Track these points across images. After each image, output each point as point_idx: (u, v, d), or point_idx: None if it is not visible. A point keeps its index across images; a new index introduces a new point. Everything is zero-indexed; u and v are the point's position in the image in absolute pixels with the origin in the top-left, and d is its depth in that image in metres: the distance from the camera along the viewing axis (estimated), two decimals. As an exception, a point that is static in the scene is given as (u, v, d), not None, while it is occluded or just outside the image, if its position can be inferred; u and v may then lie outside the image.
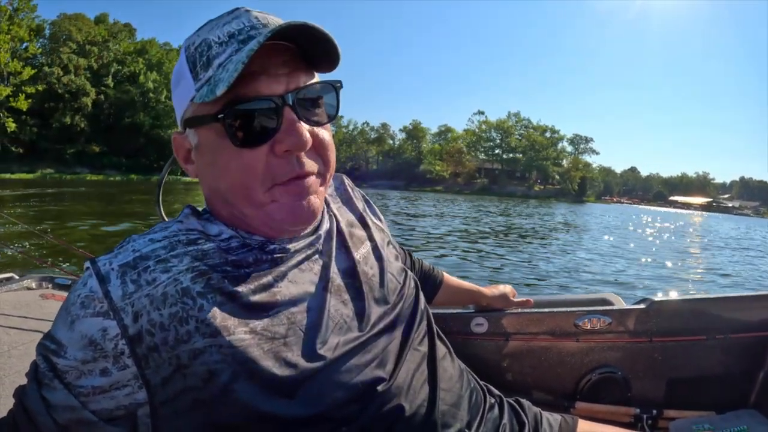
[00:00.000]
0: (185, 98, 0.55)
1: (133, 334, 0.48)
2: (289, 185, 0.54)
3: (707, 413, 1.17)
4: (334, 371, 0.54)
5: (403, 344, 0.63)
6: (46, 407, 0.49)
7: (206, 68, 0.53)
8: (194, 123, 0.55)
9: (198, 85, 0.53)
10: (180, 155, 0.60)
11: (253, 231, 0.58)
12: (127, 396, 0.49)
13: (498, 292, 1.17)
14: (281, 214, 0.55)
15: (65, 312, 0.50)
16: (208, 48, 0.53)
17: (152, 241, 0.54)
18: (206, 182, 0.58)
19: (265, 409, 0.49)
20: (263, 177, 0.53)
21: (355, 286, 0.64)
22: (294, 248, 0.60)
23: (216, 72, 0.51)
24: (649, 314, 1.19)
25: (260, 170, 0.53)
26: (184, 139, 0.58)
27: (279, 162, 0.53)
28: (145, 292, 0.49)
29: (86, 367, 0.48)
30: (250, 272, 0.55)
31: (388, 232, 0.82)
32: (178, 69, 0.57)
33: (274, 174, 0.53)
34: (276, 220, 0.56)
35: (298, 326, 0.55)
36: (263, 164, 0.53)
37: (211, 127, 0.53)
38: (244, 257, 0.56)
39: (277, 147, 0.53)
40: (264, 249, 0.58)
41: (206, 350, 0.49)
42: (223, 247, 0.56)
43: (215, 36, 0.53)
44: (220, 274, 0.53)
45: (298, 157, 0.54)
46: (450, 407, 0.64)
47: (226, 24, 0.54)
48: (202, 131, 0.55)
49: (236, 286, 0.53)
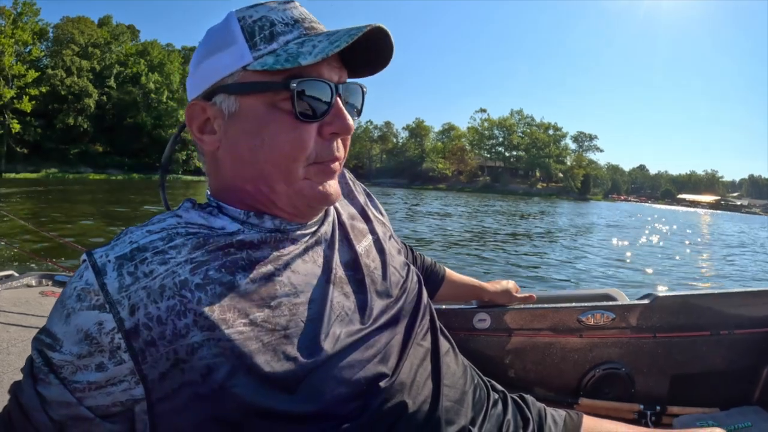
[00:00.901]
0: (233, 64, 0.55)
1: (130, 327, 0.47)
2: (324, 167, 0.57)
3: (711, 410, 1.16)
4: (336, 366, 0.53)
5: (406, 339, 0.63)
6: (42, 403, 0.48)
7: (269, 41, 0.54)
8: (243, 89, 0.54)
9: (257, 54, 0.54)
10: (195, 125, 0.59)
11: (268, 211, 0.58)
12: (123, 392, 0.48)
13: (501, 288, 1.17)
14: (311, 191, 0.57)
15: (61, 305, 0.49)
16: (271, 24, 0.55)
17: (150, 233, 0.53)
18: (236, 153, 0.57)
19: (265, 405, 0.48)
20: (309, 153, 0.55)
21: (357, 279, 0.63)
22: (298, 237, 0.60)
23: (285, 47, 0.54)
24: (653, 309, 1.17)
25: (309, 146, 0.55)
26: (208, 106, 0.57)
27: (323, 143, 0.56)
28: (142, 284, 0.48)
29: (82, 362, 0.47)
30: (252, 258, 0.54)
31: (390, 226, 0.83)
32: (220, 35, 0.57)
33: (318, 153, 0.56)
34: (305, 197, 0.57)
35: (299, 317, 0.54)
36: (313, 141, 0.55)
37: (264, 96, 0.54)
38: (247, 238, 0.56)
39: (326, 129, 0.56)
40: (269, 235, 0.58)
41: (204, 344, 0.48)
42: (224, 236, 0.55)
43: (278, 17, 0.55)
44: (219, 263, 0.52)
45: (340, 141, 0.58)
46: (453, 404, 0.63)
47: (287, 10, 0.57)
48: (248, 99, 0.55)
49: (236, 274, 0.52)
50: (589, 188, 78.75)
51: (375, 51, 0.58)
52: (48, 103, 41.44)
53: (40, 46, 43.01)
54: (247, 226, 0.57)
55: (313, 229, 0.63)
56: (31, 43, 40.46)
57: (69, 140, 43.58)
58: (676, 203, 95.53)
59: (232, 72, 0.55)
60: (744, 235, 18.78)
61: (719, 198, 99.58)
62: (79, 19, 46.13)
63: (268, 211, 0.59)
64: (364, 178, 74.96)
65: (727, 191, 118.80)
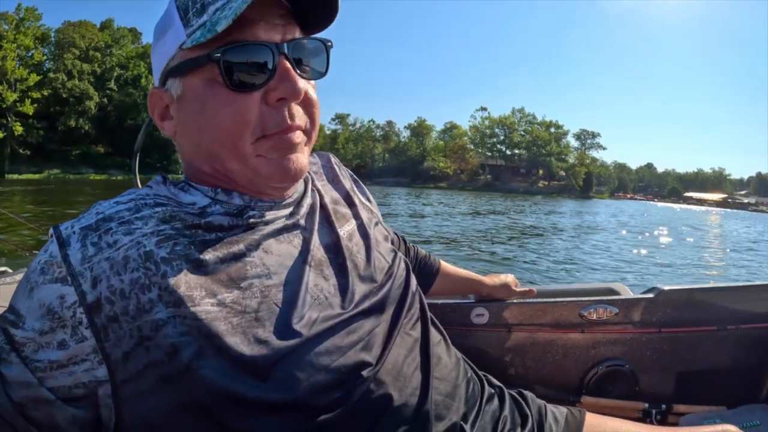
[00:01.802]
0: (172, 46, 0.53)
1: (92, 301, 0.45)
2: (277, 140, 0.53)
3: (718, 408, 1.12)
4: (312, 351, 0.50)
5: (392, 327, 0.60)
6: (2, 384, 0.45)
7: (200, 14, 0.51)
8: (182, 70, 0.53)
9: (190, 30, 0.51)
10: (156, 113, 0.58)
11: (235, 189, 0.56)
12: (86, 372, 0.45)
13: (499, 282, 1.13)
14: (268, 169, 0.53)
15: (25, 280, 0.47)
16: None
17: (117, 203, 0.51)
18: (189, 136, 0.56)
19: (234, 390, 0.45)
20: (254, 126, 0.52)
21: (337, 262, 0.60)
22: (272, 217, 0.57)
23: (212, 16, 0.50)
24: (658, 304, 1.13)
25: (252, 118, 0.51)
26: (163, 93, 0.56)
27: (270, 111, 0.52)
28: (105, 255, 0.46)
29: (44, 339, 0.45)
30: (221, 238, 0.52)
31: (378, 213, 0.81)
32: (163, 20, 0.56)
33: (264, 123, 0.52)
34: (262, 176, 0.54)
35: (272, 300, 0.51)
36: (256, 112, 0.52)
37: (200, 73, 0.52)
38: (216, 220, 0.53)
39: (271, 95, 0.52)
40: (241, 215, 0.55)
41: (169, 321, 0.45)
42: (194, 213, 0.53)
43: None
44: (188, 239, 0.50)
45: (290, 107, 0.53)
46: (444, 397, 0.60)
47: None
48: (189, 79, 0.53)
49: (204, 253, 0.50)
50: (592, 186, 78.20)
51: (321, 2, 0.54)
52: (50, 105, 42.50)
53: (43, 50, 44.06)
54: (216, 202, 0.55)
55: (290, 209, 0.60)
56: (33, 48, 41.49)
57: (71, 142, 44.60)
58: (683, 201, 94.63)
59: (172, 55, 0.53)
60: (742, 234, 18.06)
61: (726, 196, 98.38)
62: (80, 23, 47.07)
63: (233, 189, 0.56)
64: (367, 178, 75.15)
65: (735, 189, 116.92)
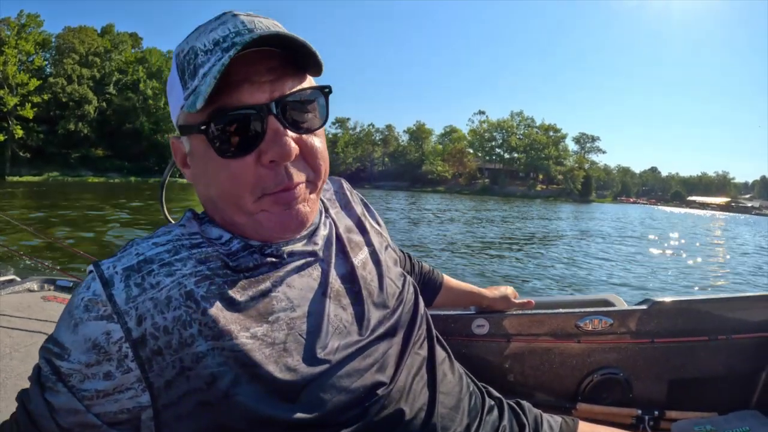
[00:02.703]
0: (176, 106, 0.55)
1: (137, 337, 0.48)
2: (278, 195, 0.55)
3: (709, 414, 1.16)
4: (335, 375, 0.54)
5: (403, 349, 0.64)
6: (50, 411, 0.48)
7: (193, 77, 0.52)
8: (184, 131, 0.55)
9: (186, 94, 0.52)
10: (178, 159, 0.61)
11: (247, 236, 0.59)
12: (130, 399, 0.49)
13: (499, 294, 1.17)
14: (270, 223, 0.56)
15: (68, 315, 0.50)
16: (195, 56, 0.52)
17: (156, 245, 0.54)
18: (199, 188, 0.59)
19: (267, 413, 0.49)
20: (252, 187, 0.53)
21: (354, 291, 0.64)
22: (292, 251, 0.60)
23: (201, 81, 0.50)
24: (651, 315, 1.17)
25: (249, 180, 0.53)
26: (181, 143, 0.58)
27: (267, 172, 0.53)
28: (149, 295, 0.50)
29: (90, 370, 0.48)
30: (250, 277, 0.55)
31: (387, 236, 0.84)
32: (171, 76, 0.57)
33: (264, 184, 0.53)
34: (265, 229, 0.56)
35: (297, 331, 0.55)
36: (252, 174, 0.53)
37: (199, 136, 0.53)
38: (244, 262, 0.56)
39: (263, 157, 0.52)
40: (263, 252, 0.58)
41: (209, 353, 0.49)
42: (224, 251, 0.56)
43: (201, 44, 0.52)
44: (222, 279, 0.53)
45: (286, 167, 0.54)
46: (449, 410, 0.65)
47: (213, 30, 0.52)
48: (192, 139, 0.55)
49: (236, 292, 0.53)
50: (591, 190, 77.84)
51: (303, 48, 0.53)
52: (50, 109, 43.66)
53: (43, 55, 45.27)
54: (238, 238, 0.58)
55: (306, 242, 0.63)
56: (34, 53, 42.69)
57: (70, 145, 45.66)
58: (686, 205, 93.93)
59: (177, 114, 0.56)
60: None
61: (730, 200, 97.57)
62: (80, 29, 48.15)
63: (246, 236, 0.59)
64: (366, 181, 75.65)
65: (739, 193, 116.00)
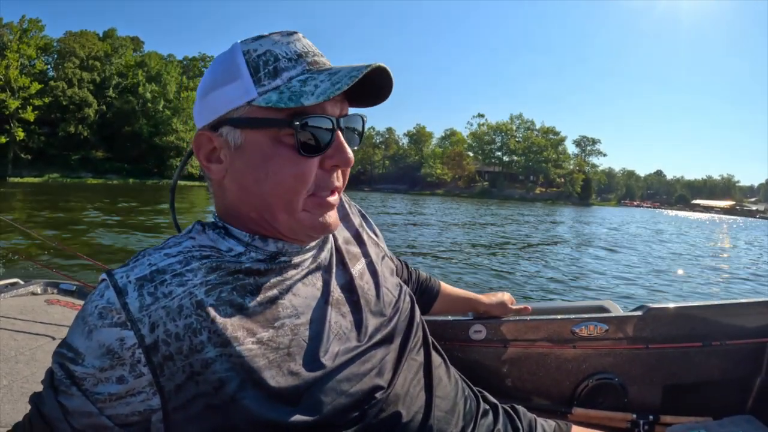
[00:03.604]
0: (237, 99, 0.57)
1: (150, 343, 0.50)
2: (322, 199, 0.60)
3: (704, 419, 1.17)
4: (335, 379, 0.57)
5: (400, 354, 0.67)
6: (64, 413, 0.51)
7: (273, 77, 0.56)
8: (247, 124, 0.57)
9: (261, 90, 0.55)
10: (202, 153, 0.61)
11: (271, 235, 0.62)
12: (141, 402, 0.51)
13: (496, 300, 1.19)
14: (310, 222, 0.60)
15: (82, 322, 0.52)
16: (275, 59, 0.57)
17: (167, 256, 0.57)
18: (241, 183, 0.60)
19: (271, 417, 0.52)
20: (310, 186, 0.58)
21: (353, 300, 0.67)
22: (300, 261, 0.64)
23: (288, 84, 0.56)
24: (646, 321, 1.19)
25: (311, 179, 0.58)
26: (214, 137, 0.59)
27: (323, 175, 0.59)
28: (162, 304, 0.52)
29: (103, 374, 0.50)
30: (257, 282, 0.59)
31: (384, 246, 0.87)
32: (227, 68, 0.58)
33: (317, 184, 0.59)
34: (304, 227, 0.60)
35: (301, 337, 0.58)
36: (314, 174, 0.58)
37: (269, 131, 0.56)
38: (254, 266, 0.60)
39: (327, 162, 0.59)
40: (274, 260, 0.62)
41: (217, 359, 0.52)
42: (233, 260, 0.59)
43: (281, 51, 0.57)
44: (231, 286, 0.56)
45: (337, 172, 0.62)
46: (445, 414, 0.68)
47: (290, 43, 0.58)
48: (253, 133, 0.57)
49: (245, 298, 0.56)
50: (590, 193, 77.55)
51: (376, 85, 0.61)
52: (51, 112, 44.52)
53: (45, 59, 46.28)
54: (251, 248, 0.61)
55: (313, 254, 0.67)
56: (36, 57, 43.72)
57: (71, 147, 46.56)
58: (690, 209, 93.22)
59: (237, 106, 0.57)
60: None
61: (734, 203, 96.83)
62: (80, 33, 49.19)
63: (270, 236, 0.62)
64: (366, 184, 76.13)
65: (745, 196, 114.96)
